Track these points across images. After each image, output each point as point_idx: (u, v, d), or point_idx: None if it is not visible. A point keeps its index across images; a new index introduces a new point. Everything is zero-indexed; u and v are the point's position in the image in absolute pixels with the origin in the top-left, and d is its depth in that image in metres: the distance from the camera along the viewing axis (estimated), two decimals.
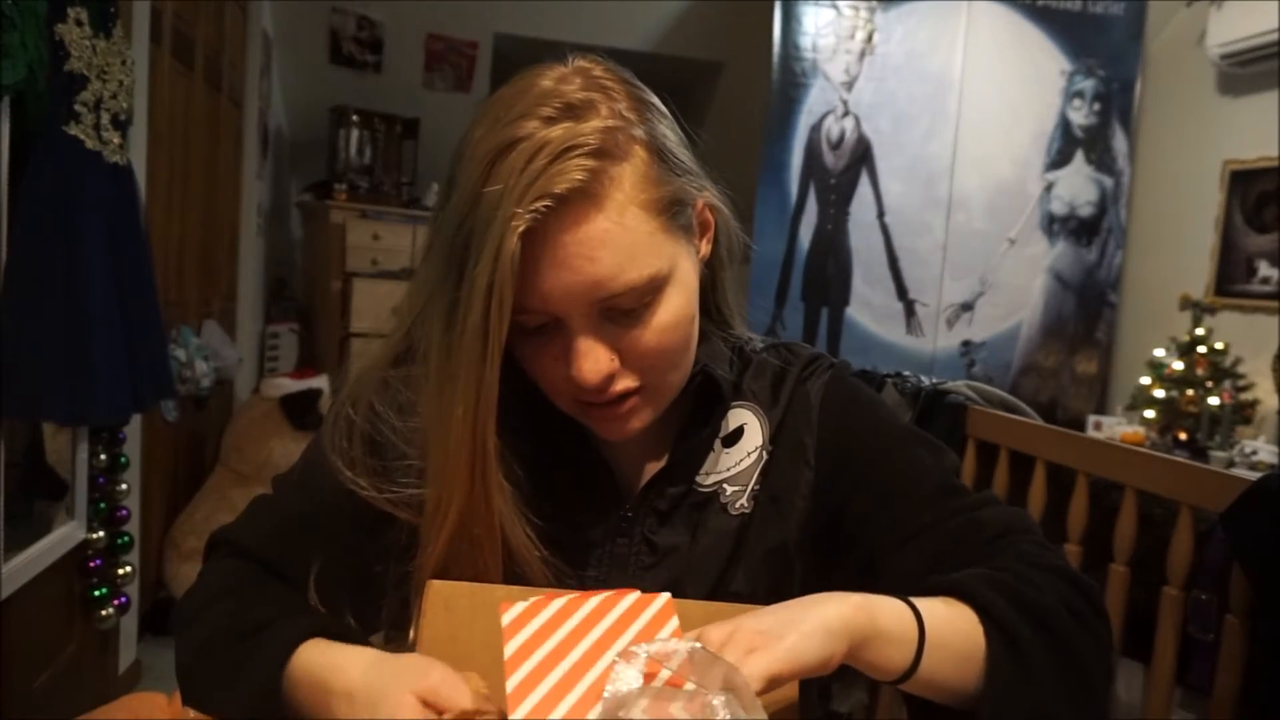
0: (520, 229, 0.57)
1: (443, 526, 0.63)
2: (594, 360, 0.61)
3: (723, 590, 0.69)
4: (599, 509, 0.71)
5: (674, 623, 0.56)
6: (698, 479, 0.72)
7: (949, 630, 0.57)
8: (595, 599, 0.57)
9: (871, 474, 0.71)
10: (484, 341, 0.59)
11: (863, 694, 2.18)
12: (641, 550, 0.70)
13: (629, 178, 0.60)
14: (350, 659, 0.59)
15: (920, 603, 0.58)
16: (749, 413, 0.74)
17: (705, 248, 0.70)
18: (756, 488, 0.72)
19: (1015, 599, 0.59)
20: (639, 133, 0.62)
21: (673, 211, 0.63)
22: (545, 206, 0.57)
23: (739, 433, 0.73)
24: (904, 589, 0.59)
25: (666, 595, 0.58)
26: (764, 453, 0.73)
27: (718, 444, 0.73)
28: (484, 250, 0.58)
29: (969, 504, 0.69)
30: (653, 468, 0.72)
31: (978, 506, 0.69)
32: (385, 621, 0.71)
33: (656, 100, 0.67)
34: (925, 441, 0.74)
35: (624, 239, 0.60)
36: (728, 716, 0.45)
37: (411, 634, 0.64)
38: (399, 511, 0.67)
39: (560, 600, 0.56)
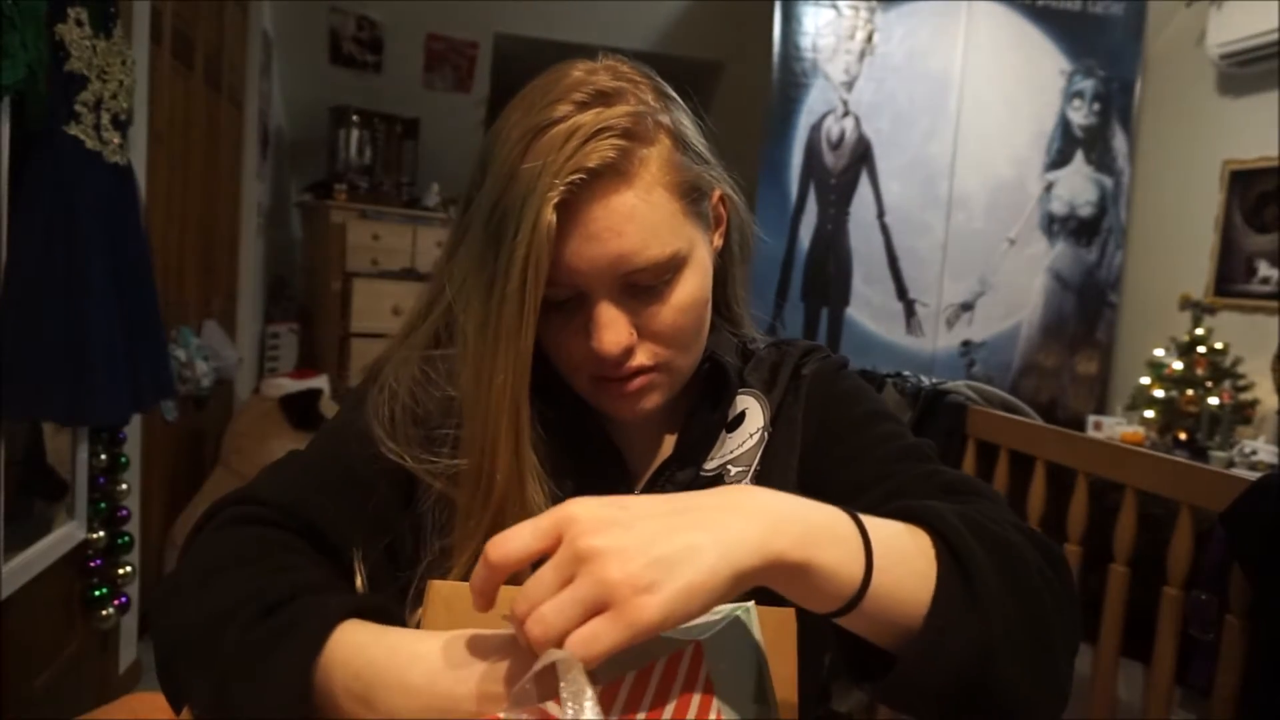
0: (555, 200, 0.60)
1: (489, 494, 0.64)
2: (615, 332, 0.64)
3: None
4: (609, 493, 0.71)
5: None
6: (704, 464, 0.74)
7: (898, 556, 0.51)
8: None
9: (842, 441, 0.72)
10: (520, 310, 0.62)
11: (863, 694, 2.18)
12: None
13: (655, 159, 0.64)
14: (403, 643, 0.52)
15: (871, 525, 0.51)
16: (750, 398, 0.77)
17: (718, 240, 0.74)
18: (759, 468, 0.74)
19: (979, 532, 0.54)
20: (664, 120, 0.66)
21: (693, 197, 0.67)
22: (579, 179, 0.61)
23: (741, 417, 0.75)
24: None
25: None
26: (765, 433, 0.75)
27: (722, 431, 0.75)
28: (522, 223, 0.61)
29: (935, 467, 0.68)
30: (662, 453, 0.75)
31: (943, 470, 0.68)
32: (411, 601, 0.67)
33: (676, 95, 0.72)
34: (900, 424, 0.75)
35: (650, 216, 0.63)
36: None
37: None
38: (437, 482, 0.67)
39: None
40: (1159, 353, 3.03)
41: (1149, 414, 2.93)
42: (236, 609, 0.54)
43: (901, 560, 0.51)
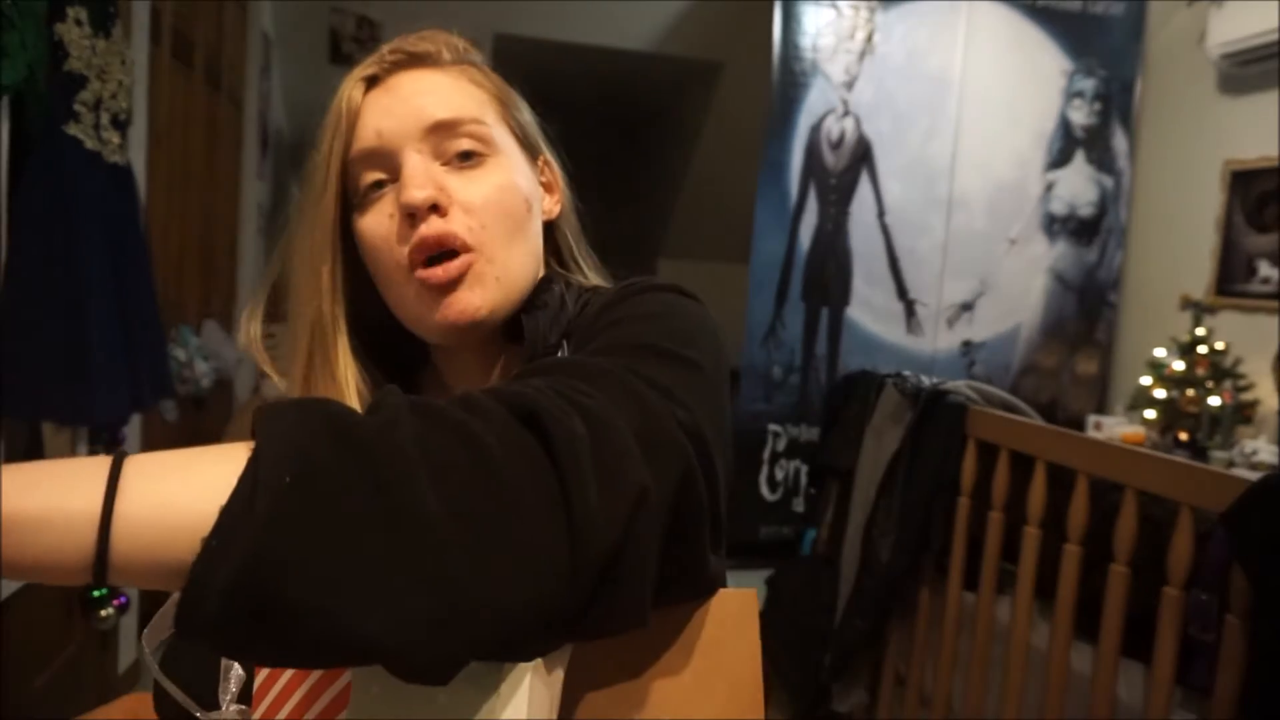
0: (366, 74, 0.69)
1: (303, 362, 0.70)
2: (420, 181, 0.64)
3: None
4: None
5: None
6: None
7: (173, 491, 0.38)
8: None
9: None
10: (333, 176, 0.66)
11: (863, 694, 2.18)
12: None
13: (472, 72, 0.72)
14: None
15: (141, 461, 0.40)
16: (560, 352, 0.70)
17: (555, 206, 0.76)
18: None
19: (338, 426, 0.39)
20: (494, 76, 0.74)
21: (509, 116, 0.72)
22: (392, 61, 0.69)
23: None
24: None
25: None
26: None
27: None
28: (331, 114, 0.68)
29: (630, 363, 0.51)
30: None
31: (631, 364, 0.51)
32: None
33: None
34: (676, 323, 0.58)
35: (456, 90, 0.69)
36: None
37: None
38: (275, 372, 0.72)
39: None
40: (1159, 353, 3.03)
41: (1149, 414, 2.93)
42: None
43: (176, 483, 0.39)
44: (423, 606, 0.37)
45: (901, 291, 3.33)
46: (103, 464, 0.38)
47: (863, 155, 3.28)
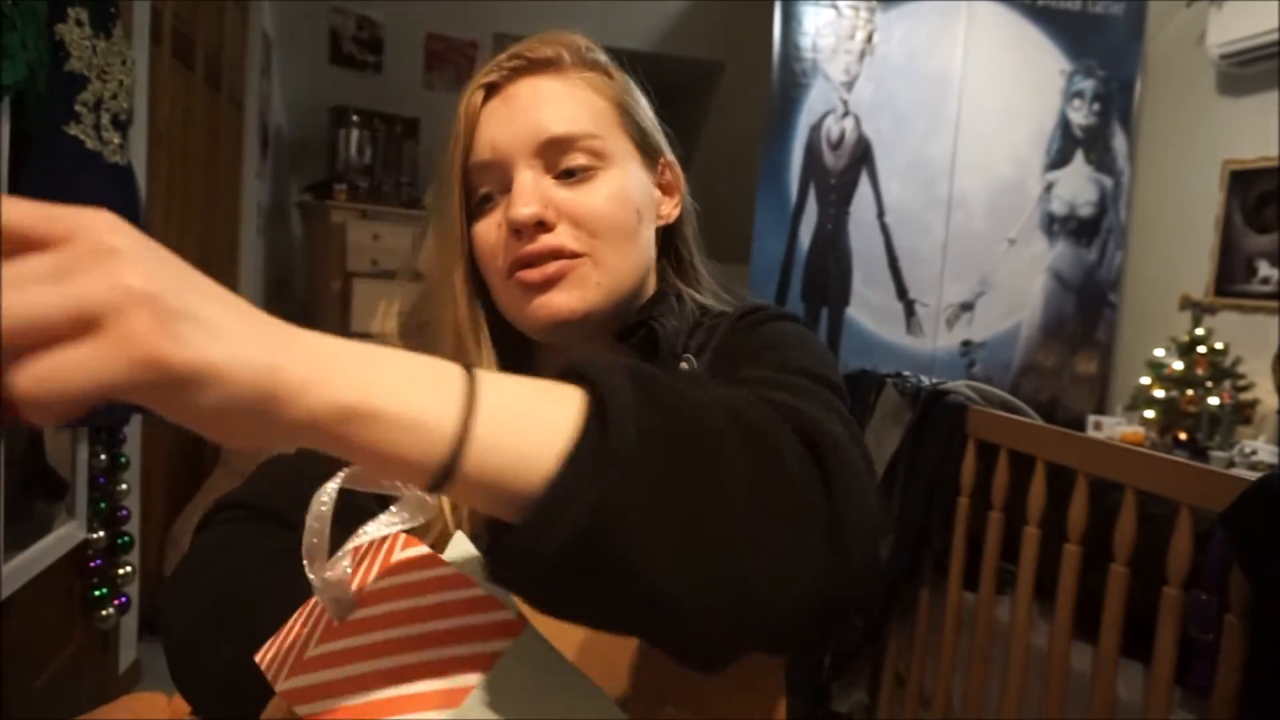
0: (486, 80, 0.68)
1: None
2: (527, 198, 0.65)
3: None
4: None
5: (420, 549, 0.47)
6: None
7: (523, 416, 0.40)
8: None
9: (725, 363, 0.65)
10: (456, 182, 0.68)
11: (863, 694, 2.18)
12: None
13: (594, 77, 0.71)
14: None
15: (492, 379, 0.41)
16: (685, 365, 0.74)
17: (671, 210, 0.76)
18: None
19: (652, 388, 0.42)
20: (616, 76, 0.73)
21: (629, 121, 0.72)
22: (516, 65, 0.68)
23: None
24: None
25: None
26: None
27: None
28: (458, 110, 0.68)
29: (809, 385, 0.55)
30: None
31: (816, 387, 0.55)
32: None
33: (641, 93, 0.75)
34: (813, 352, 0.63)
35: (572, 100, 0.68)
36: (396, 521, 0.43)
37: None
38: None
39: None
40: (1159, 353, 3.03)
41: (1149, 414, 2.93)
42: (246, 566, 0.57)
43: (525, 409, 0.40)
44: (757, 583, 0.40)
45: (901, 291, 3.34)
46: (456, 377, 0.40)
47: (862, 155, 3.28)
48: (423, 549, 0.44)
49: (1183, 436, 2.82)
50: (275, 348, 0.36)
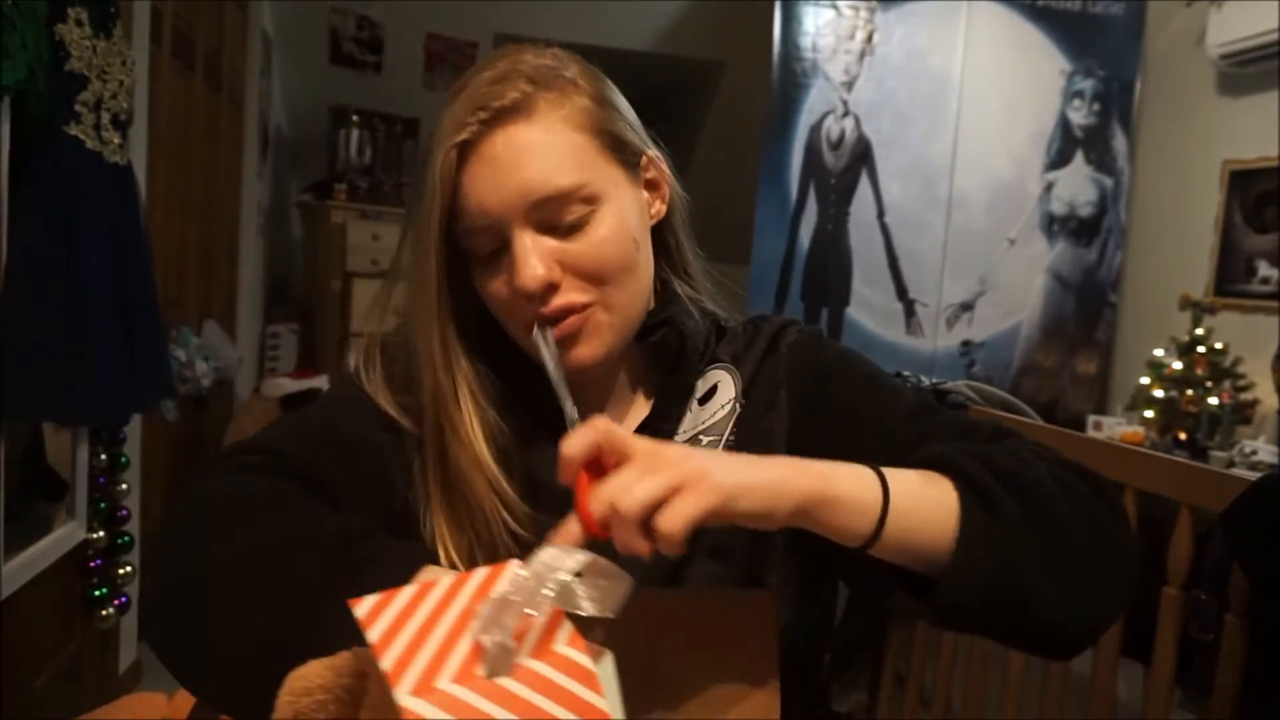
0: (458, 140, 0.64)
1: (439, 441, 0.67)
2: (531, 265, 0.65)
3: (698, 542, 0.66)
4: None
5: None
6: (675, 434, 0.74)
7: (919, 497, 0.58)
8: (455, 578, 0.51)
9: (846, 415, 0.73)
10: (435, 253, 0.66)
11: (863, 694, 2.18)
12: None
13: (565, 105, 0.67)
14: None
15: (890, 471, 0.58)
16: (722, 372, 0.76)
17: (661, 206, 0.75)
18: (732, 438, 0.73)
19: (995, 469, 0.59)
20: (583, 84, 0.69)
21: (610, 142, 0.69)
22: (482, 117, 0.64)
23: (713, 391, 0.75)
24: None
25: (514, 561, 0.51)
26: (737, 405, 0.75)
27: (694, 404, 0.75)
28: (430, 175, 0.65)
29: (953, 415, 0.72)
30: (629, 423, 0.74)
31: (959, 416, 0.72)
32: None
33: (611, 84, 0.73)
34: (895, 378, 0.78)
35: (554, 150, 0.65)
36: (584, 598, 0.47)
37: None
38: (413, 424, 0.70)
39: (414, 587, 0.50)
40: (1159, 353, 3.03)
41: (1149, 414, 2.93)
42: (305, 539, 0.55)
43: (919, 491, 0.58)
44: (1106, 588, 0.60)
45: (901, 291, 3.33)
46: (870, 473, 0.58)
47: (862, 155, 3.28)
48: (585, 659, 0.45)
49: (1183, 436, 2.82)
50: (771, 468, 0.55)
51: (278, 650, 0.49)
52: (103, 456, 1.98)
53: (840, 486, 0.55)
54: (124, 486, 2.06)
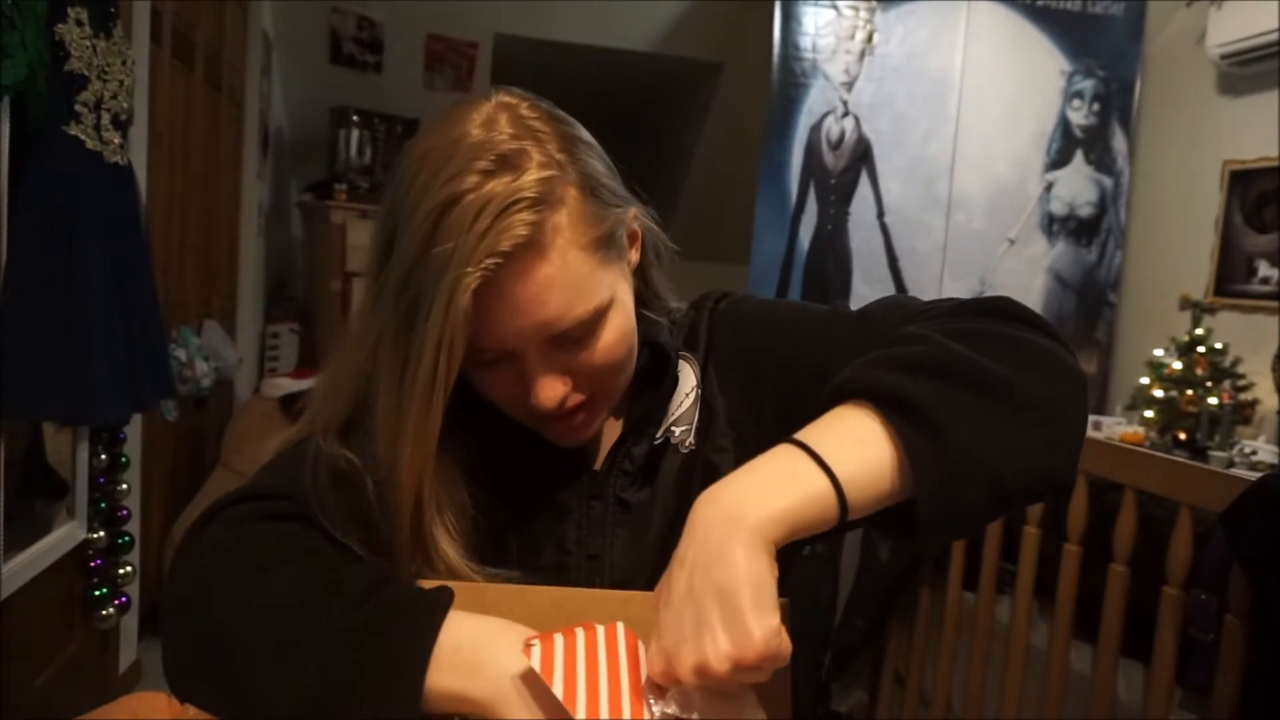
0: (471, 286, 0.60)
1: (403, 556, 0.66)
2: (550, 389, 0.66)
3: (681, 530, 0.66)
4: (568, 479, 0.75)
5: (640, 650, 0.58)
6: (658, 435, 0.76)
7: (856, 451, 0.56)
8: (588, 632, 0.58)
9: (784, 368, 0.75)
10: (430, 392, 0.62)
11: (863, 694, 2.19)
12: (615, 510, 0.75)
13: (567, 222, 0.64)
14: (498, 619, 0.58)
15: (817, 441, 0.56)
16: (683, 362, 0.79)
17: (635, 256, 0.75)
18: (698, 424, 0.77)
19: (913, 365, 0.58)
20: (571, 174, 0.65)
21: (608, 244, 0.67)
22: (494, 263, 0.60)
23: (675, 381, 0.78)
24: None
25: (621, 625, 0.59)
26: (698, 391, 0.78)
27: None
28: (434, 306, 0.60)
29: (881, 319, 0.72)
30: (610, 433, 0.77)
31: (903, 302, 0.74)
32: None
33: (583, 132, 0.69)
34: (825, 308, 0.80)
35: (569, 281, 0.64)
36: None
37: None
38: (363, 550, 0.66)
39: (562, 636, 0.57)
40: (1159, 353, 3.02)
41: (1149, 414, 2.93)
42: (323, 596, 0.58)
43: (852, 447, 0.57)
44: (1052, 446, 0.60)
45: (901, 291, 3.33)
46: (801, 457, 0.56)
47: (862, 155, 3.28)
48: None
49: (1182, 436, 2.82)
50: (723, 543, 0.53)
51: (322, 713, 0.55)
52: (103, 456, 1.98)
53: (796, 516, 0.54)
54: (124, 486, 2.06)
